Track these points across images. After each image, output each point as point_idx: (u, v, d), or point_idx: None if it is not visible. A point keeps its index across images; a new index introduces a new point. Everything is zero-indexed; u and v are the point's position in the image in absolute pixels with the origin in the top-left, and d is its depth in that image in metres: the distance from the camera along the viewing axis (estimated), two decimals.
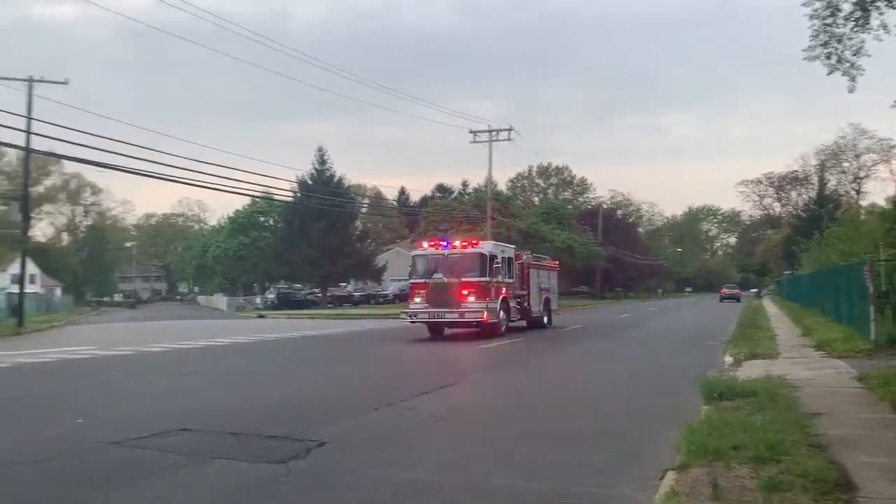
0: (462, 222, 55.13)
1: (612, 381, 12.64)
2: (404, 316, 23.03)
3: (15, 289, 36.49)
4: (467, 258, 21.85)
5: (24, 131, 26.72)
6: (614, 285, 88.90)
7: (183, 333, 27.63)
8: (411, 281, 22.69)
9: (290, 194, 55.31)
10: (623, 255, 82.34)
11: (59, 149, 32.20)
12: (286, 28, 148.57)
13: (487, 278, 21.54)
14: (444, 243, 22.77)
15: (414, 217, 61.99)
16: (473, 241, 23.05)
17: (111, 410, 9.95)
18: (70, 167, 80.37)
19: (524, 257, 26.58)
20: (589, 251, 70.33)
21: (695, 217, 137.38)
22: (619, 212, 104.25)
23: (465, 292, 21.28)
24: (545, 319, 27.23)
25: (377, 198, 79.39)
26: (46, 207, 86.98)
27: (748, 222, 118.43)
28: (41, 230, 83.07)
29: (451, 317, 21.69)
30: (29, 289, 38.55)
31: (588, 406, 9.76)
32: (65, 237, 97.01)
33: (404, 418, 8.87)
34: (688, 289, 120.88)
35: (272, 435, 7.57)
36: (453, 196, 71.72)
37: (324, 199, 58.68)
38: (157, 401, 10.86)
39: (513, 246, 25.93)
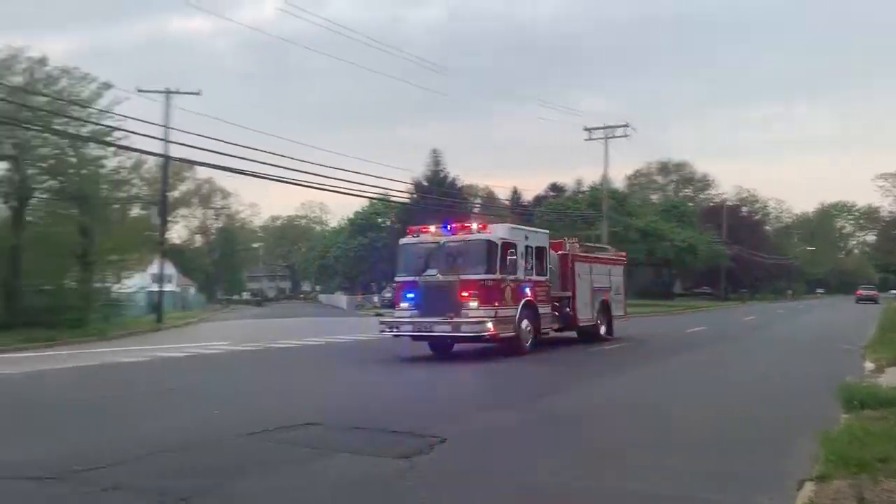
0: (576, 221, 54.37)
1: (739, 386, 12.08)
2: (384, 328, 17.04)
3: (155, 287, 39.17)
4: (470, 248, 16.26)
5: (161, 140, 28.65)
6: (739, 286, 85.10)
7: (307, 330, 28.73)
8: (397, 279, 17.53)
9: (406, 196, 56.39)
10: (748, 254, 78.57)
11: (193, 155, 34.37)
12: (402, 32, 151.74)
13: (498, 275, 15.91)
14: (444, 228, 16.97)
15: (527, 217, 61.82)
16: (480, 225, 16.96)
17: (243, 404, 10.52)
18: (202, 173, 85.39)
19: (568, 246, 20.31)
20: (712, 250, 67.68)
21: (827, 214, 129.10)
22: (745, 209, 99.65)
23: (464, 294, 15.71)
24: (602, 329, 21.04)
25: (489, 198, 79.53)
26: (182, 211, 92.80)
27: (888, 218, 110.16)
28: (177, 232, 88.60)
29: (442, 329, 15.85)
30: (166, 287, 41.16)
31: (715, 412, 9.39)
32: (198, 239, 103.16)
33: (525, 419, 8.84)
34: (819, 290, 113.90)
35: (395, 430, 7.75)
36: (566, 195, 70.85)
37: (438, 200, 59.45)
38: (284, 394, 11.40)
39: (546, 231, 19.66)
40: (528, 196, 72.77)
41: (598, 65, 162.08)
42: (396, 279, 17.51)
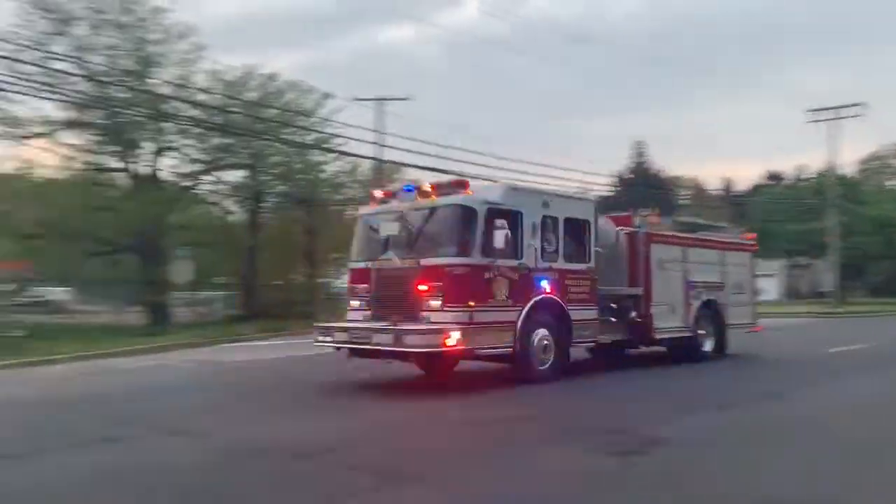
0: (800, 211, 50.28)
1: None
2: (318, 337, 11.54)
3: None
4: (437, 219, 10.94)
5: (375, 144, 30.56)
6: None
7: None
8: (349, 265, 12.36)
9: (608, 188, 55.28)
10: None
11: (403, 158, 36.07)
12: (603, 23, 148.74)
13: (478, 259, 10.42)
14: (407, 189, 11.77)
15: (741, 207, 58.13)
16: (454, 182, 11.54)
17: (435, 396, 10.88)
18: (410, 173, 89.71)
19: (639, 221, 14.04)
20: None
21: None
22: None
23: (421, 288, 10.50)
24: (706, 344, 14.56)
25: (698, 188, 75.55)
26: None
27: None
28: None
29: (382, 340, 10.28)
30: None
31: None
32: None
33: (752, 421, 8.29)
34: None
35: (610, 428, 7.65)
36: (785, 183, 65.63)
37: (642, 192, 57.62)
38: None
39: (589, 198, 13.40)
40: (743, 185, 68.45)
41: (820, 41, 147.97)
42: (349, 266, 12.39)
